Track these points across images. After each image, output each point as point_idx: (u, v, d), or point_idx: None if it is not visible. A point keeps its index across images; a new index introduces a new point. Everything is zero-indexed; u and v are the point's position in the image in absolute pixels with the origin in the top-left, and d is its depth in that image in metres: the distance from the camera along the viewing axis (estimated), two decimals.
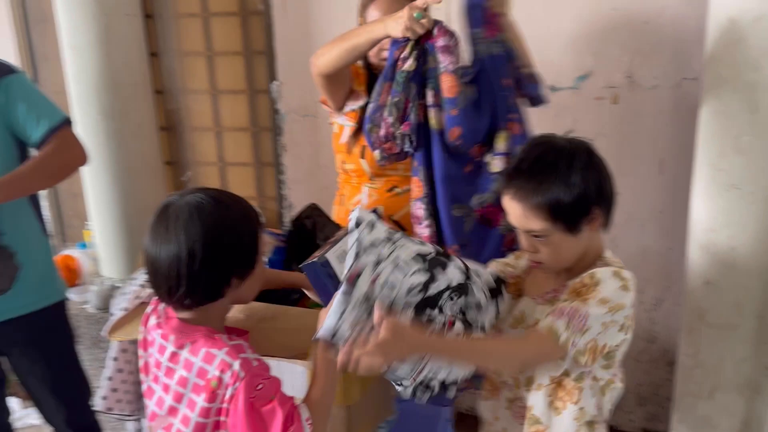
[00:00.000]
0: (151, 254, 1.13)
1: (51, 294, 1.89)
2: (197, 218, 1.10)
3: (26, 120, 1.71)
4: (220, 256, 1.12)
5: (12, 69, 1.75)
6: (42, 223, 1.89)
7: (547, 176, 1.18)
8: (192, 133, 2.79)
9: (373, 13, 1.73)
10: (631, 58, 2.19)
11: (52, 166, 1.74)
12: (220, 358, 1.09)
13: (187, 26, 2.68)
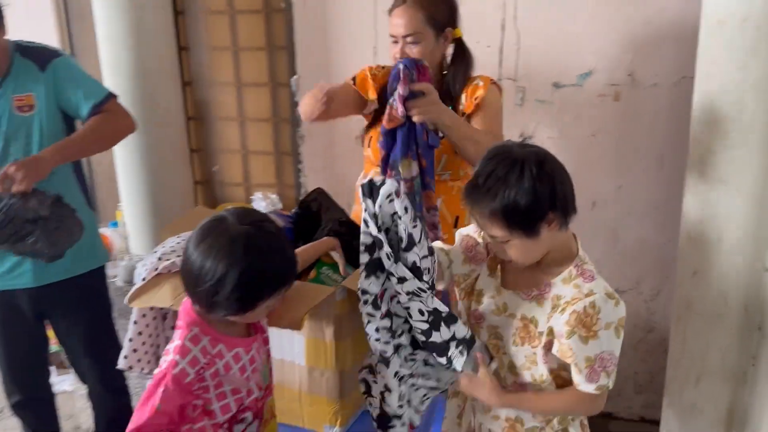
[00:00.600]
0: (194, 262, 1.19)
1: (93, 260, 2.10)
2: (246, 249, 1.17)
3: (74, 97, 1.93)
4: (254, 288, 1.20)
5: (58, 52, 1.97)
6: (87, 197, 2.09)
7: (500, 187, 1.24)
8: (218, 122, 2.94)
9: (395, 21, 1.82)
10: (632, 57, 2.26)
11: (102, 131, 1.95)
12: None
13: (215, 22, 2.81)
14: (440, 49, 1.88)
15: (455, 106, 1.88)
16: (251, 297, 1.21)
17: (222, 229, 1.19)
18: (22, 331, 2.09)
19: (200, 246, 1.18)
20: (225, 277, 1.16)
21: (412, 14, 1.80)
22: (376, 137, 1.92)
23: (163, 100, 2.59)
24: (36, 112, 1.91)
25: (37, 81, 1.91)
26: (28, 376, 2.18)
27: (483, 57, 2.37)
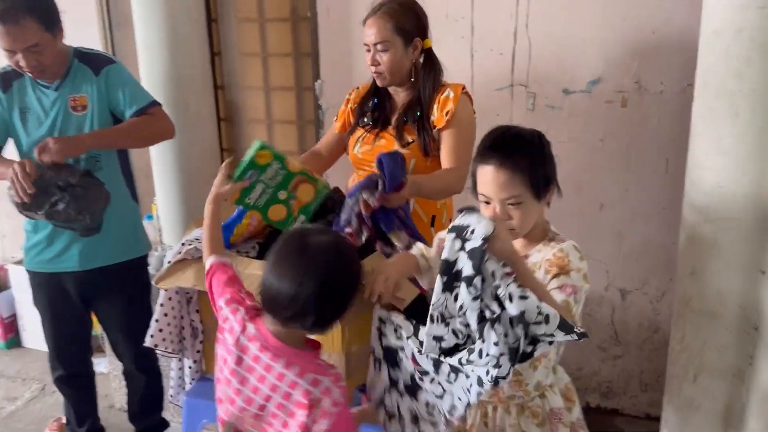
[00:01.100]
0: (280, 285, 1.28)
1: (136, 249, 2.31)
2: (336, 264, 1.30)
3: (121, 101, 2.15)
4: (342, 300, 1.33)
5: (112, 60, 2.21)
6: (132, 190, 2.30)
7: (528, 148, 1.43)
8: (247, 124, 3.11)
9: (367, 30, 1.96)
10: (639, 65, 2.34)
11: (139, 129, 2.16)
12: (324, 385, 1.31)
13: (246, 30, 2.97)
14: (409, 58, 1.99)
15: (426, 114, 1.99)
16: (347, 301, 1.35)
17: (308, 253, 1.31)
18: (68, 313, 2.30)
19: (292, 272, 1.28)
20: (329, 293, 1.29)
21: (382, 24, 1.93)
22: (353, 144, 2.10)
23: (197, 103, 2.73)
24: (88, 112, 2.12)
25: (90, 84, 2.13)
26: (71, 353, 2.38)
27: (495, 64, 2.50)
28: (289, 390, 1.31)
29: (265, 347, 1.34)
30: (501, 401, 1.55)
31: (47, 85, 2.14)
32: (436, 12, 2.50)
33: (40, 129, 2.14)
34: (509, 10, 2.43)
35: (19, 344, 3.65)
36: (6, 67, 2.16)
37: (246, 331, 1.37)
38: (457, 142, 1.96)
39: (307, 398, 1.29)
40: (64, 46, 2.14)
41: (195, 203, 2.70)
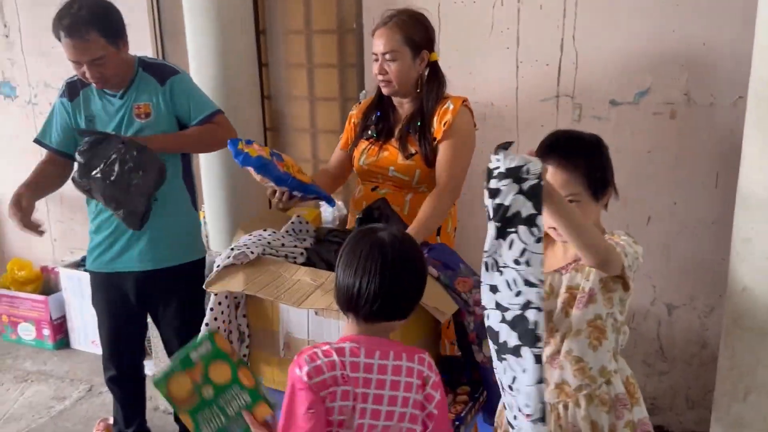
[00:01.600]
0: (361, 282, 1.31)
1: (193, 252, 2.37)
2: (417, 265, 1.38)
3: (186, 109, 2.23)
4: (418, 287, 1.40)
5: (176, 70, 2.29)
6: (192, 197, 2.38)
7: (586, 150, 1.51)
8: (293, 133, 3.16)
9: (376, 40, 2.00)
10: (688, 77, 2.31)
11: (203, 136, 2.25)
12: (428, 360, 1.36)
13: (293, 41, 3.04)
14: (416, 69, 2.02)
15: (427, 125, 2.03)
16: (422, 287, 1.43)
17: (386, 251, 1.35)
18: (125, 313, 2.37)
19: (381, 271, 1.32)
20: (411, 283, 1.38)
21: (391, 34, 1.98)
22: (357, 156, 2.15)
23: (245, 112, 2.79)
24: (152, 120, 2.21)
25: (155, 93, 2.21)
26: (124, 355, 2.44)
27: (540, 75, 2.51)
28: (407, 379, 1.33)
29: (371, 350, 1.33)
30: (569, 396, 1.56)
31: (113, 93, 2.23)
32: (481, 23, 2.53)
33: None
34: (556, 22, 2.43)
35: (68, 345, 3.76)
36: (73, 77, 2.27)
37: (345, 353, 1.33)
38: (452, 154, 2.00)
39: (421, 378, 1.34)
40: (128, 56, 2.23)
41: (241, 210, 2.77)
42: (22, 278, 3.76)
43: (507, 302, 1.32)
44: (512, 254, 1.28)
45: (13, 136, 3.84)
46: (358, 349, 1.33)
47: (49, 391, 3.30)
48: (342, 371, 1.30)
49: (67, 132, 2.28)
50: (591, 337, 1.52)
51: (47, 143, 2.33)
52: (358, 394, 1.31)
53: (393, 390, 1.33)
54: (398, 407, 1.33)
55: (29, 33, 3.59)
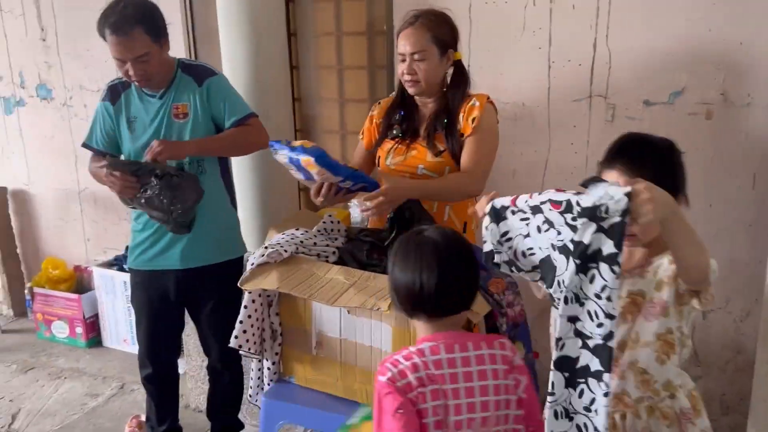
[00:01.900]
0: (429, 280, 1.32)
1: (232, 250, 2.41)
2: (469, 255, 1.39)
3: (222, 112, 2.27)
4: (474, 275, 1.40)
5: (214, 72, 2.33)
6: (231, 196, 2.43)
7: (654, 155, 1.43)
8: (322, 135, 3.18)
9: (404, 40, 2.01)
10: (724, 76, 2.27)
11: (237, 139, 2.28)
12: (507, 343, 1.38)
13: (323, 44, 3.05)
14: (443, 68, 2.05)
15: (452, 122, 2.04)
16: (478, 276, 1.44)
17: (447, 249, 1.37)
18: (164, 311, 2.41)
19: (448, 269, 1.35)
20: (474, 275, 1.39)
21: (420, 34, 1.99)
22: (383, 156, 2.17)
23: (276, 114, 2.81)
24: (189, 120, 2.25)
25: (193, 94, 2.26)
26: (161, 353, 2.48)
27: (573, 75, 2.48)
28: (493, 366, 1.34)
29: (449, 345, 1.34)
30: (628, 406, 1.52)
31: (153, 94, 2.28)
32: (513, 23, 2.52)
33: (145, 135, 2.27)
34: (589, 22, 2.41)
35: (100, 344, 3.83)
36: (114, 80, 2.33)
37: (425, 353, 1.34)
38: (478, 148, 2.01)
39: (508, 362, 1.35)
40: (169, 57, 2.28)
41: (273, 211, 2.79)
42: (56, 277, 3.84)
43: (589, 331, 1.30)
44: (593, 288, 1.27)
45: (50, 137, 3.93)
46: (438, 347, 1.34)
47: (82, 388, 3.36)
48: (426, 371, 1.30)
49: (110, 135, 2.35)
50: (660, 351, 1.47)
51: (94, 146, 2.39)
52: (448, 390, 1.31)
53: (481, 380, 1.33)
54: (491, 396, 1.33)
55: (65, 36, 3.67)
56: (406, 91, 2.12)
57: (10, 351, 3.79)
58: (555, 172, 2.61)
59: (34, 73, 3.84)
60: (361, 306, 1.62)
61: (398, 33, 2.05)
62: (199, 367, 3.04)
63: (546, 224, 1.32)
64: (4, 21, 3.82)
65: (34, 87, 3.87)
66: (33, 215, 4.19)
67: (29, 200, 4.16)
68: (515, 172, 2.65)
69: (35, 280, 3.90)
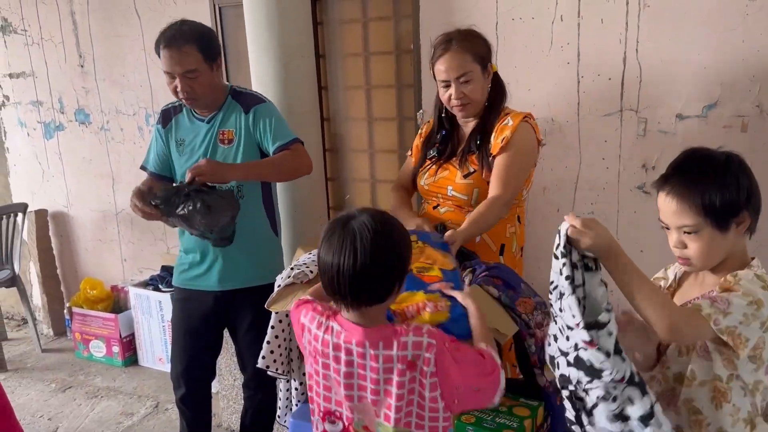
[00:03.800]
0: (336, 263, 1.30)
1: (272, 274, 2.38)
2: (379, 238, 1.31)
3: (266, 137, 2.28)
4: (393, 267, 1.34)
5: (261, 99, 2.36)
6: (273, 222, 2.43)
7: (703, 176, 1.31)
8: (351, 154, 3.19)
9: (445, 66, 1.98)
10: (760, 88, 2.21)
11: (281, 164, 2.27)
12: (410, 340, 1.33)
13: (351, 64, 3.08)
14: (487, 84, 2.03)
15: (486, 141, 2.01)
16: (399, 267, 1.38)
17: (354, 231, 1.34)
18: (202, 331, 2.43)
19: (346, 252, 1.32)
20: (378, 262, 1.33)
21: (460, 56, 1.97)
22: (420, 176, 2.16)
23: (306, 134, 2.80)
24: (234, 145, 2.28)
25: (239, 120, 2.29)
26: (196, 372, 2.48)
27: (603, 89, 2.45)
28: (387, 365, 1.34)
29: (350, 337, 1.37)
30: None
31: (202, 118, 2.33)
32: (540, 38, 2.50)
33: (192, 158, 2.32)
34: (618, 35, 2.38)
35: (136, 362, 3.88)
36: (168, 105, 2.40)
37: (331, 330, 1.41)
38: (507, 168, 1.97)
39: (405, 362, 1.33)
40: (221, 82, 2.33)
41: (302, 229, 2.80)
42: (94, 297, 3.92)
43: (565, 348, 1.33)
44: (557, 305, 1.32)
45: (87, 160, 4.04)
46: (340, 334, 1.39)
47: (117, 407, 3.40)
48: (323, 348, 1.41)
49: (163, 157, 2.41)
50: (715, 391, 1.36)
51: (148, 168, 2.47)
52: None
53: (373, 373, 1.36)
54: (370, 386, 1.37)
55: (102, 62, 3.78)
56: (443, 112, 2.11)
57: (50, 370, 3.87)
58: (586, 188, 2.57)
59: (72, 99, 3.96)
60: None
61: (434, 60, 2.02)
62: (231, 387, 3.06)
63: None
64: (45, 49, 3.96)
65: (73, 112, 3.99)
66: (72, 237, 4.30)
67: (68, 222, 4.27)
68: (545, 188, 2.62)
69: (74, 300, 3.98)
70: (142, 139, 3.75)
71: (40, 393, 3.58)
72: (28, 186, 4.35)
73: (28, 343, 4.24)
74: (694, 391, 1.38)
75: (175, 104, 2.38)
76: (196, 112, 2.34)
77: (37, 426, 3.23)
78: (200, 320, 2.42)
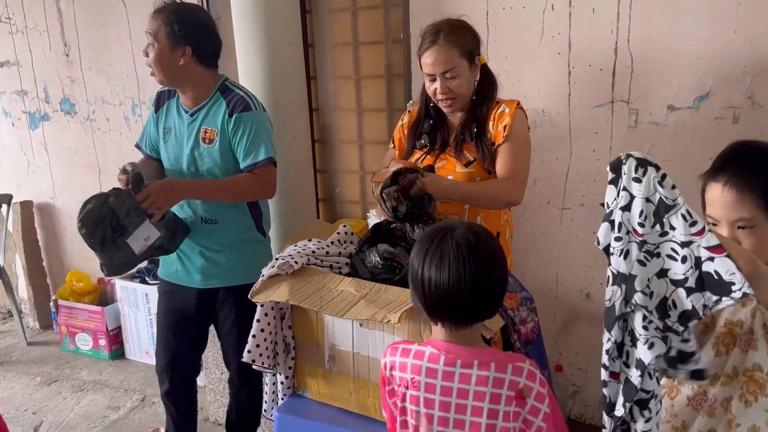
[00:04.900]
0: (438, 278, 1.24)
1: (254, 274, 2.35)
2: (484, 250, 1.26)
3: (239, 150, 2.20)
4: (498, 283, 1.30)
5: (250, 107, 2.22)
6: (257, 222, 2.36)
7: (762, 167, 1.24)
8: (340, 145, 3.15)
9: (430, 59, 1.94)
10: (752, 79, 2.19)
11: (237, 189, 2.22)
12: (526, 369, 1.27)
13: (340, 53, 3.04)
14: (474, 78, 2.00)
15: (482, 130, 1.98)
16: (504, 283, 1.34)
17: (458, 247, 1.27)
18: (186, 325, 2.39)
19: (456, 270, 1.25)
20: (494, 281, 1.29)
21: (447, 50, 1.93)
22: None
23: (294, 125, 2.79)
24: (215, 147, 2.21)
25: (222, 122, 2.21)
26: (180, 367, 2.45)
27: (594, 80, 2.42)
28: (495, 390, 1.26)
29: (450, 359, 1.29)
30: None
31: (186, 109, 2.27)
32: (531, 28, 2.47)
33: (173, 149, 2.28)
34: (609, 26, 2.35)
35: (123, 356, 3.84)
36: (163, 88, 2.34)
37: (423, 355, 1.32)
38: (514, 155, 1.95)
39: (515, 389, 1.26)
40: (209, 75, 2.25)
41: (291, 222, 2.77)
42: (80, 289, 3.88)
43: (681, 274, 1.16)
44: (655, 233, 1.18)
45: (73, 151, 3.98)
46: (438, 356, 1.30)
47: (104, 400, 3.37)
48: (414, 375, 1.31)
49: (154, 140, 2.37)
50: (744, 389, 1.28)
51: (142, 148, 2.43)
52: (423, 399, 1.31)
53: (477, 401, 1.27)
54: (484, 419, 1.27)
55: (88, 51, 3.72)
56: (429, 101, 2.08)
57: (35, 363, 3.83)
58: (576, 180, 2.55)
59: (58, 88, 3.90)
60: (370, 318, 1.57)
61: (421, 52, 1.98)
62: (218, 380, 3.03)
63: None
64: (29, 37, 3.89)
65: (58, 102, 3.93)
66: (58, 228, 4.24)
67: (54, 213, 4.22)
68: (536, 180, 2.59)
69: (60, 293, 3.94)
70: (128, 129, 3.70)
71: (25, 386, 3.54)
72: (13, 177, 4.29)
73: (13, 336, 4.19)
74: (728, 389, 1.30)
75: (170, 89, 2.32)
76: (182, 102, 2.29)
77: (22, 420, 3.19)
78: (184, 315, 2.38)
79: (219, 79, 2.28)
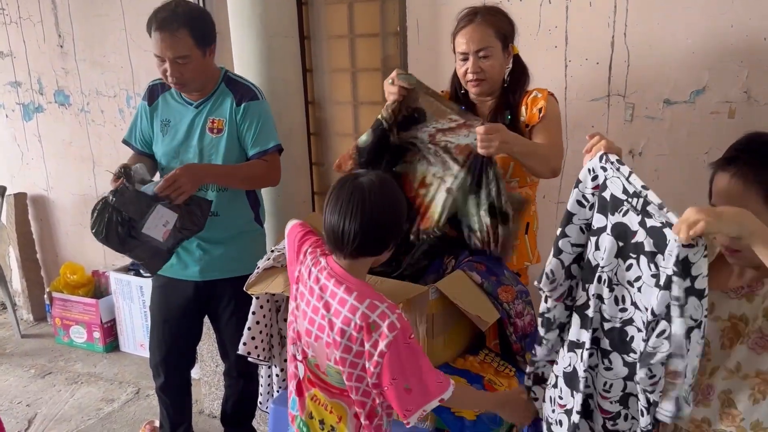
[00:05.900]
0: (335, 221, 1.40)
1: (253, 266, 2.35)
2: (376, 196, 1.40)
3: (248, 138, 2.22)
4: (396, 224, 1.45)
5: (256, 95, 2.26)
6: (256, 213, 2.38)
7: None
8: (335, 137, 3.15)
9: (466, 38, 1.93)
10: (748, 73, 2.20)
11: (251, 174, 2.24)
12: (381, 309, 1.36)
13: (337, 46, 3.03)
14: (506, 63, 1.98)
15: (514, 116, 1.97)
16: (397, 226, 1.48)
17: (354, 189, 1.42)
18: (181, 319, 2.38)
19: (342, 209, 1.40)
20: (374, 219, 1.41)
21: (483, 29, 1.93)
22: None
23: (290, 118, 2.78)
24: (223, 136, 2.20)
25: (229, 112, 2.21)
26: (175, 361, 2.45)
27: (590, 74, 2.42)
28: (348, 314, 1.38)
29: (331, 275, 1.45)
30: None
31: (190, 101, 2.26)
32: (528, 22, 2.47)
33: (174, 141, 2.26)
34: (606, 19, 2.35)
35: (117, 348, 3.84)
36: (155, 81, 2.32)
37: (319, 264, 1.49)
38: (552, 134, 1.94)
39: (365, 321, 1.36)
40: (214, 67, 2.25)
41: (286, 215, 2.75)
42: (75, 282, 3.86)
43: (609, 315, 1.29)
44: (631, 277, 1.25)
45: (67, 143, 3.96)
46: (324, 269, 1.47)
47: (98, 393, 3.36)
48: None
49: (146, 135, 2.34)
50: (755, 389, 1.26)
51: (132, 144, 2.39)
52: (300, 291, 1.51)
53: (327, 311, 1.42)
54: (327, 328, 1.41)
55: (82, 43, 3.69)
56: (460, 88, 2.07)
57: (29, 355, 3.82)
58: (572, 174, 2.52)
59: (52, 80, 3.88)
60: None
61: (457, 31, 1.98)
62: (213, 373, 3.03)
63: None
64: (23, 28, 3.87)
65: (52, 93, 3.91)
66: (52, 220, 4.23)
67: (48, 206, 4.20)
68: None
69: (54, 285, 3.92)
70: (122, 121, 3.68)
71: (19, 379, 3.53)
72: (7, 169, 4.27)
73: (7, 329, 4.18)
74: (735, 384, 1.28)
75: (163, 82, 2.29)
76: (184, 95, 2.27)
77: (16, 412, 3.18)
78: (180, 309, 2.37)
79: (221, 71, 2.29)
